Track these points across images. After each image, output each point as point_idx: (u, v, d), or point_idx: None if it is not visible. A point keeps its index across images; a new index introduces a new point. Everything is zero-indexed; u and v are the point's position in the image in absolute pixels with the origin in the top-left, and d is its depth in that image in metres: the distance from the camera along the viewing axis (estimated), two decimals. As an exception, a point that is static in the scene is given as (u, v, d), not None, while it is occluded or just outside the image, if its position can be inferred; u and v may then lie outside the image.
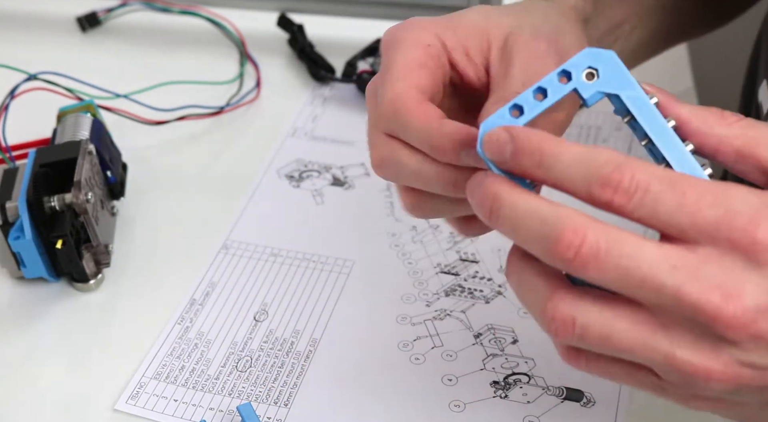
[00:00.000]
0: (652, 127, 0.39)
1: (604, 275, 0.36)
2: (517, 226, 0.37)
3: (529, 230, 0.37)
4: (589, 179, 0.36)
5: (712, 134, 0.40)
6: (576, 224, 0.36)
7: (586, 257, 0.36)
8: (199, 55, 0.84)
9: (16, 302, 0.62)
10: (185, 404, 0.56)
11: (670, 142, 0.39)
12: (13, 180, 0.61)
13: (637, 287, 0.36)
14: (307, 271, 0.64)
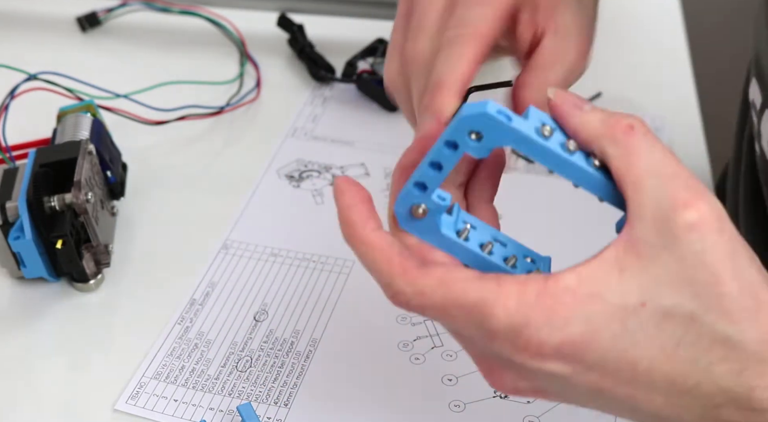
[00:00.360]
0: (546, 159, 0.40)
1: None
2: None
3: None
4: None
5: (571, 122, 0.40)
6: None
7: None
8: (199, 55, 0.84)
9: (16, 302, 0.62)
10: (185, 404, 0.56)
11: (564, 165, 0.40)
12: (13, 180, 0.61)
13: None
14: (307, 271, 0.64)
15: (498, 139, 0.39)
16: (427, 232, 0.41)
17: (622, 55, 0.83)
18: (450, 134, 0.39)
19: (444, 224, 0.41)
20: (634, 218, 0.37)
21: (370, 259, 0.40)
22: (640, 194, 0.37)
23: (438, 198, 0.40)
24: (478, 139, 0.39)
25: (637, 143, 0.38)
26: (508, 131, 0.39)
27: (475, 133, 0.39)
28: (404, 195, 0.41)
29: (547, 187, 0.70)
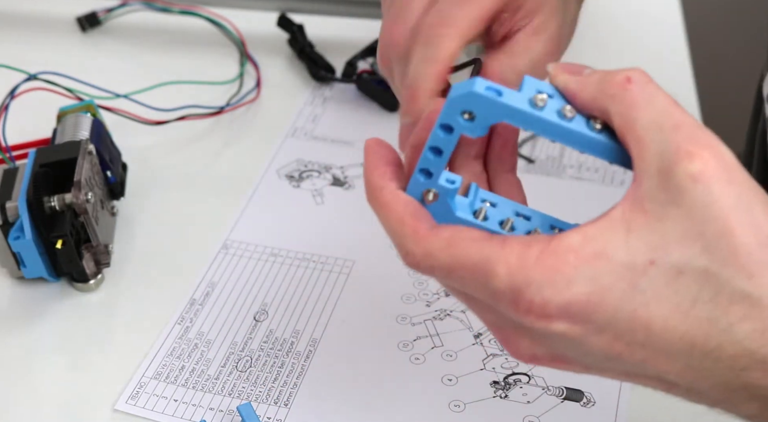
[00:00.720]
0: (543, 129, 0.39)
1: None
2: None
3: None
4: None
5: (570, 88, 0.40)
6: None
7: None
8: (199, 55, 0.84)
9: (16, 302, 0.62)
10: (185, 404, 0.56)
11: (562, 133, 0.39)
12: (13, 180, 0.61)
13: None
14: (307, 271, 0.64)
15: (490, 115, 0.38)
16: (443, 216, 0.40)
17: (622, 55, 0.83)
18: (443, 117, 0.39)
19: (458, 207, 0.40)
20: (639, 175, 0.36)
21: (384, 220, 0.40)
22: (643, 150, 0.36)
23: (447, 182, 0.40)
24: (470, 119, 0.38)
25: (637, 96, 0.37)
26: (498, 107, 0.38)
27: (467, 113, 0.38)
28: (413, 183, 0.40)
29: (547, 186, 0.70)
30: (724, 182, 0.35)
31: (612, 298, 0.35)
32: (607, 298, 0.35)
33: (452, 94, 0.38)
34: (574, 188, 0.70)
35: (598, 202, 0.68)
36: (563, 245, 0.36)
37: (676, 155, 0.35)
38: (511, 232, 0.40)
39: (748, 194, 0.35)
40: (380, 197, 0.40)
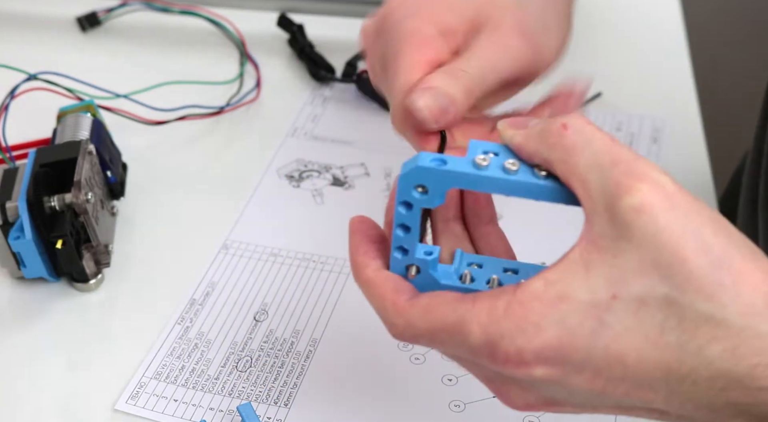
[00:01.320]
0: (490, 187, 0.40)
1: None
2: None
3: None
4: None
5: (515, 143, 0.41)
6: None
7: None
8: (199, 55, 0.84)
9: (16, 302, 0.62)
10: (185, 404, 0.56)
11: (509, 187, 0.40)
12: (13, 180, 0.61)
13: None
14: (307, 271, 0.64)
15: (441, 184, 0.40)
16: (430, 286, 0.42)
17: (622, 55, 0.83)
18: (399, 195, 0.40)
19: (443, 275, 0.42)
20: (589, 215, 0.37)
21: (369, 297, 0.42)
22: (587, 190, 0.37)
23: (424, 254, 0.41)
24: (424, 191, 0.40)
25: (574, 141, 0.38)
26: (445, 175, 0.39)
27: (419, 187, 0.40)
28: (393, 262, 0.42)
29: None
30: (668, 208, 0.36)
31: (582, 337, 0.36)
32: (578, 337, 0.36)
33: (402, 172, 0.40)
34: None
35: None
36: (527, 293, 0.37)
37: (617, 190, 0.36)
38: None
39: (693, 216, 0.36)
40: (363, 276, 0.42)
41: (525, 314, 0.37)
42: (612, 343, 0.36)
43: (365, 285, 0.42)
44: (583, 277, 0.37)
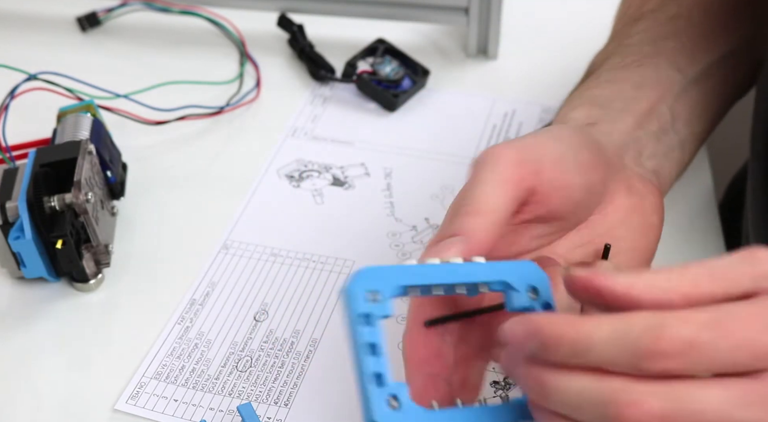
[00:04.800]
0: (434, 277, 0.41)
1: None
2: (572, 410, 0.36)
3: (585, 413, 0.36)
4: (633, 355, 0.35)
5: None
6: (631, 398, 0.35)
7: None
8: (199, 55, 0.84)
9: (16, 302, 0.62)
10: (185, 404, 0.56)
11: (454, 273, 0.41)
12: (13, 180, 0.61)
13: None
14: (307, 271, 0.64)
15: (390, 283, 0.39)
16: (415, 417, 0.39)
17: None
18: (353, 308, 0.39)
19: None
20: None
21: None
22: None
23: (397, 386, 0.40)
24: (374, 299, 0.39)
25: None
26: (391, 271, 0.39)
27: (370, 293, 0.39)
28: (373, 401, 0.40)
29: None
30: None
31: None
32: None
33: (347, 283, 0.39)
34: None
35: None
36: None
37: None
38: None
39: None
40: None
41: None
42: None
43: None
44: None
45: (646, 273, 0.38)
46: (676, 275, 0.37)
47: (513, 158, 0.46)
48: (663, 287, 0.37)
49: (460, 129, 0.76)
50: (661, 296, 0.37)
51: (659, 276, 0.37)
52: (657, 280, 0.37)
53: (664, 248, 0.65)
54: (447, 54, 0.84)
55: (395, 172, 0.72)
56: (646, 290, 0.37)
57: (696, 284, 0.37)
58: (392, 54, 0.80)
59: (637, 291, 0.37)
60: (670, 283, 0.37)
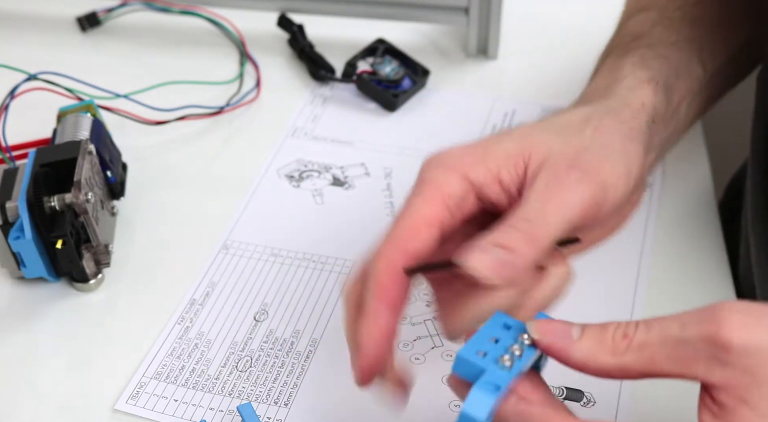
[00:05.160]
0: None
1: None
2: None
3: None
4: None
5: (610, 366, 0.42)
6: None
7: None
8: (199, 55, 0.84)
9: (16, 302, 0.62)
10: (185, 404, 0.56)
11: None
12: (13, 180, 0.61)
13: None
14: (307, 271, 0.64)
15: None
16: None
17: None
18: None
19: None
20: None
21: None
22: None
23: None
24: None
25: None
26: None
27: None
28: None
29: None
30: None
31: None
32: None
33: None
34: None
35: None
36: None
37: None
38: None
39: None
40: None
41: None
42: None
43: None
44: None
45: (604, 344, 0.41)
46: (636, 346, 0.41)
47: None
48: (617, 365, 0.41)
49: (460, 129, 0.76)
50: (614, 373, 0.41)
51: (616, 350, 0.41)
52: (613, 357, 0.41)
53: (665, 248, 0.65)
54: (447, 54, 0.84)
55: (395, 172, 0.72)
56: (599, 367, 0.41)
57: (652, 362, 0.40)
58: (392, 54, 0.80)
59: (592, 368, 0.42)
60: (624, 359, 0.41)
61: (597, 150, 0.48)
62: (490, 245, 0.44)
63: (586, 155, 0.47)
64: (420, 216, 0.46)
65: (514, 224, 0.45)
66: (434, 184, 0.47)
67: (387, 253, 0.46)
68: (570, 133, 0.48)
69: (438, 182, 0.47)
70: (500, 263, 0.43)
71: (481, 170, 0.47)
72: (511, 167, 0.47)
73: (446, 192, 0.47)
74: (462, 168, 0.47)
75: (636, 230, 0.66)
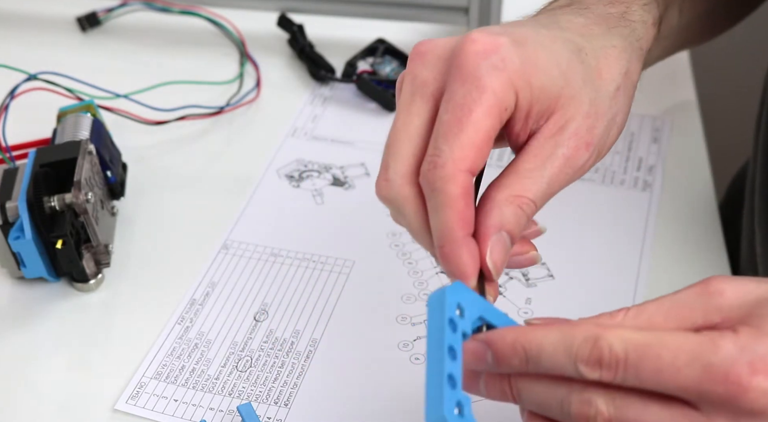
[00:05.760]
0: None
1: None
2: (541, 409, 0.41)
3: (553, 411, 0.40)
4: (575, 361, 0.39)
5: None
6: (582, 397, 0.39)
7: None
8: (199, 55, 0.84)
9: (16, 302, 0.62)
10: (185, 404, 0.56)
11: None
12: (13, 180, 0.61)
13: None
14: (307, 271, 0.64)
15: (473, 310, 0.41)
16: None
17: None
18: (447, 312, 0.40)
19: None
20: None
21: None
22: None
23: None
24: (460, 314, 0.41)
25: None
26: (477, 300, 0.42)
27: (458, 308, 0.40)
28: (445, 402, 0.41)
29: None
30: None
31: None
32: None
33: (440, 300, 0.40)
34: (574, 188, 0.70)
35: (598, 202, 0.69)
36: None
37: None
38: None
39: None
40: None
41: None
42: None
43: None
44: None
45: (605, 315, 0.41)
46: (632, 315, 0.41)
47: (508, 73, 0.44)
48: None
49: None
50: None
51: (617, 314, 0.41)
52: (613, 318, 0.41)
53: (665, 248, 0.65)
54: (447, 54, 0.84)
55: (395, 172, 0.72)
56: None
57: (650, 324, 0.40)
58: (392, 54, 0.80)
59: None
60: (624, 322, 0.41)
61: (605, 121, 0.47)
62: (504, 240, 0.44)
63: (598, 129, 0.47)
64: (484, 132, 0.43)
65: (521, 204, 0.44)
66: (496, 95, 0.43)
67: (457, 175, 0.42)
68: (601, 94, 0.47)
69: (499, 94, 0.43)
70: (505, 256, 0.44)
71: (526, 94, 0.44)
72: (543, 106, 0.45)
73: (504, 106, 0.43)
74: (519, 82, 0.44)
75: (636, 230, 0.66)
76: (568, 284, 0.62)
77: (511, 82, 0.43)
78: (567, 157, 0.45)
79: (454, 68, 0.44)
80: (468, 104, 0.43)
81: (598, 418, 0.38)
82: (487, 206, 0.44)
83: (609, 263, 0.63)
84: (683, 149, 0.73)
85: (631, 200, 0.68)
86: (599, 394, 0.38)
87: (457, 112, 0.43)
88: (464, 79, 0.43)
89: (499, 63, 0.43)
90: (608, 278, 0.63)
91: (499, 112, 0.43)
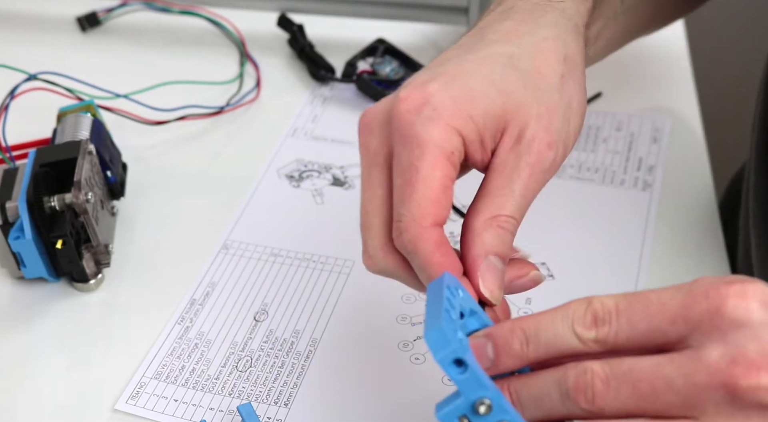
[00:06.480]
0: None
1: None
2: (542, 401, 0.41)
3: (553, 398, 0.40)
4: (572, 324, 0.40)
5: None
6: (578, 368, 0.39)
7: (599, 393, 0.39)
8: (199, 55, 0.84)
9: (16, 302, 0.62)
10: (185, 404, 0.56)
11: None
12: (13, 180, 0.61)
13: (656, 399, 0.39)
14: (307, 271, 0.64)
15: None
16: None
17: (622, 56, 0.83)
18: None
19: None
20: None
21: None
22: None
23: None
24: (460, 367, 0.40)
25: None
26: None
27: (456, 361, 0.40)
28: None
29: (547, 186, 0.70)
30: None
31: None
32: None
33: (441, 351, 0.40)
34: (574, 188, 0.70)
35: (598, 202, 0.69)
36: None
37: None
38: None
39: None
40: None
41: None
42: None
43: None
44: None
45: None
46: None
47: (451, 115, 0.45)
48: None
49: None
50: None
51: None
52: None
53: (665, 248, 0.65)
54: (447, 54, 0.84)
55: (395, 172, 0.72)
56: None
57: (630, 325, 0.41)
58: (392, 54, 0.80)
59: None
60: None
61: (563, 118, 0.47)
62: (495, 266, 0.45)
63: (555, 124, 0.47)
64: (437, 184, 0.44)
65: (501, 224, 0.45)
66: (438, 145, 0.44)
67: (423, 233, 0.44)
68: (545, 90, 0.47)
69: (440, 143, 0.44)
70: (501, 280, 0.45)
71: (471, 128, 0.45)
72: (492, 127, 0.46)
73: (449, 151, 0.45)
74: (458, 121, 0.45)
75: (636, 230, 0.66)
76: (568, 285, 0.62)
77: (449, 126, 0.45)
78: (532, 163, 0.46)
79: (394, 131, 0.45)
80: (413, 164, 0.44)
81: (594, 380, 0.39)
82: (468, 237, 0.45)
83: (609, 263, 0.63)
84: (683, 149, 0.73)
85: (631, 200, 0.68)
86: (593, 362, 0.39)
87: (406, 174, 0.44)
88: (404, 141, 0.45)
89: (432, 113, 0.44)
90: (608, 278, 0.63)
91: (446, 159, 0.44)
